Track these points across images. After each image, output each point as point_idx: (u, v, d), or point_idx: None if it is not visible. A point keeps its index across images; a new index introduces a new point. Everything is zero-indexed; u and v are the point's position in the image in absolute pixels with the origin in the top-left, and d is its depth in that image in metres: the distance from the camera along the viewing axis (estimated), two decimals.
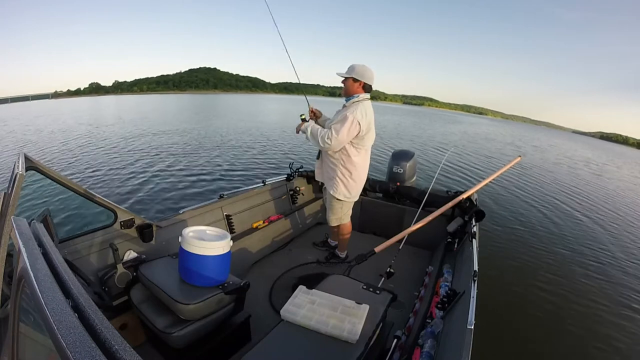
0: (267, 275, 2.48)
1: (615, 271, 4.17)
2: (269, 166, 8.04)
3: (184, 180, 6.44)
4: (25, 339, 0.75)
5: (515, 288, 3.42)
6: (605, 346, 2.74)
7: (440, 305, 1.64)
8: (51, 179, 1.50)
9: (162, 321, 1.45)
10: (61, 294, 0.56)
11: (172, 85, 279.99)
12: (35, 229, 0.95)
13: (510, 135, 34.03)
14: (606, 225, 6.24)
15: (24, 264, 0.65)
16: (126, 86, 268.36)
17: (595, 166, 17.49)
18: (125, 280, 1.73)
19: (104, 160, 7.77)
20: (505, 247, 4.43)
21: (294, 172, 3.20)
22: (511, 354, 2.54)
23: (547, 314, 3.06)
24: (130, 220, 1.87)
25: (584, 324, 2.99)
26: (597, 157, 24.27)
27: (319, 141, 2.18)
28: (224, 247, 1.57)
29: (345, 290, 1.52)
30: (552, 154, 20.50)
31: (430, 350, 1.36)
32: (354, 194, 2.42)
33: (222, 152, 9.38)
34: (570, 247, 4.80)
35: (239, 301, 1.64)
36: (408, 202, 3.13)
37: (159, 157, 8.30)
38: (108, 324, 0.51)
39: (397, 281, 2.37)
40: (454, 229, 2.53)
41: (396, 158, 3.25)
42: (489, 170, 9.72)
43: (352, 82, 2.18)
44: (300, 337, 1.25)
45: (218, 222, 2.45)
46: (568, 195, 8.36)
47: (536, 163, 13.63)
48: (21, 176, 1.13)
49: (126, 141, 10.51)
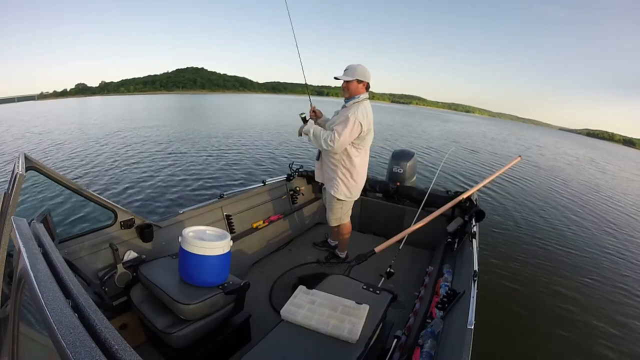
0: (267, 275, 2.48)
1: (615, 270, 4.17)
2: (269, 166, 8.04)
3: (184, 180, 6.44)
4: (25, 339, 0.75)
5: (515, 288, 3.42)
6: (605, 346, 2.74)
7: (440, 305, 1.64)
8: (51, 179, 1.50)
9: (162, 321, 1.45)
10: (61, 294, 0.56)
11: (160, 86, 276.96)
12: (35, 229, 0.95)
13: (502, 133, 34.21)
14: (607, 225, 6.24)
15: (24, 264, 0.65)
16: (113, 87, 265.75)
17: (595, 165, 17.53)
18: (125, 280, 1.73)
19: (103, 161, 7.77)
20: (506, 247, 4.43)
21: (293, 172, 3.19)
22: (511, 354, 2.54)
23: (548, 313, 3.07)
24: (130, 220, 1.87)
25: (584, 324, 2.99)
26: (598, 157, 24.36)
27: (322, 143, 2.18)
28: (224, 247, 1.57)
29: (345, 290, 1.52)
30: (551, 152, 20.59)
31: (430, 350, 1.36)
32: (355, 193, 2.43)
33: (222, 152, 9.38)
34: (571, 246, 4.80)
35: (239, 301, 1.64)
36: (408, 202, 3.13)
37: (159, 157, 8.30)
38: (108, 324, 0.51)
39: (397, 281, 2.37)
40: (454, 229, 2.53)
41: (396, 158, 3.25)
42: (489, 170, 9.72)
43: (357, 83, 2.19)
44: (300, 337, 1.25)
45: (218, 222, 2.45)
46: (568, 195, 8.37)
47: (536, 163, 13.63)
48: (21, 176, 1.13)
49: (126, 141, 10.51)
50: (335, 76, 2.21)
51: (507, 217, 5.74)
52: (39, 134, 11.95)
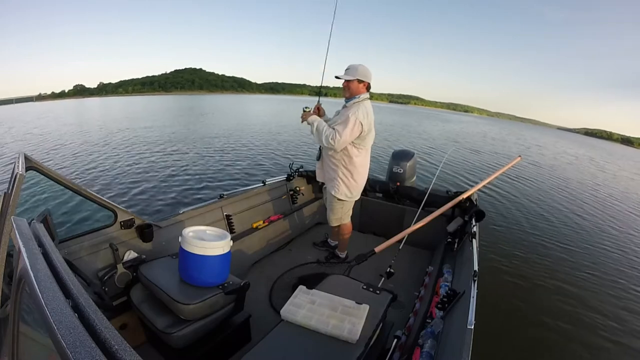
0: (267, 275, 2.48)
1: (616, 270, 4.17)
2: (269, 166, 8.04)
3: (184, 180, 6.44)
4: (25, 339, 0.75)
5: (515, 288, 3.42)
6: (606, 346, 2.74)
7: (440, 305, 1.64)
8: (51, 179, 1.50)
9: (162, 321, 1.45)
10: (61, 294, 0.56)
11: (158, 87, 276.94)
12: (35, 229, 0.95)
13: (501, 133, 34.23)
14: (607, 225, 6.23)
15: (24, 264, 0.65)
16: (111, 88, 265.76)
17: (596, 165, 17.53)
18: (125, 280, 1.73)
19: (103, 161, 7.77)
20: (506, 247, 4.42)
21: (293, 172, 3.19)
22: (511, 354, 2.54)
23: (548, 313, 3.06)
24: (130, 220, 1.87)
25: (584, 323, 2.99)
26: (597, 156, 24.37)
27: (323, 139, 2.18)
28: (224, 247, 1.57)
29: (345, 290, 1.52)
30: (550, 152, 20.59)
31: (430, 350, 1.36)
32: (355, 193, 2.43)
33: (222, 152, 9.38)
34: (571, 246, 4.80)
35: (239, 301, 1.64)
36: (408, 202, 3.13)
37: (159, 158, 8.30)
38: (108, 324, 0.51)
39: (397, 281, 2.37)
40: (454, 229, 2.53)
41: (396, 158, 3.25)
42: (489, 170, 9.72)
43: (358, 83, 2.19)
44: (300, 337, 1.25)
45: (218, 222, 2.45)
46: (569, 195, 8.36)
47: (536, 162, 13.62)
48: (21, 176, 1.13)
49: (126, 142, 10.52)
50: (337, 75, 2.21)
51: (507, 217, 5.74)
52: (39, 135, 11.97)
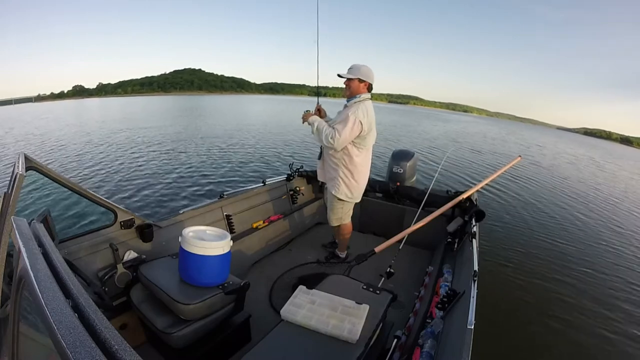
0: (267, 275, 2.48)
1: (616, 270, 4.16)
2: (269, 166, 8.04)
3: (184, 180, 6.45)
4: (25, 339, 0.75)
5: (515, 288, 3.42)
6: (606, 345, 2.74)
7: (440, 305, 1.64)
8: (51, 179, 1.50)
9: (162, 321, 1.45)
10: (61, 294, 0.56)
11: (157, 87, 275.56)
12: (35, 229, 0.95)
13: (501, 132, 34.24)
14: (607, 224, 6.23)
15: (24, 264, 0.65)
16: (110, 88, 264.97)
17: (596, 164, 17.53)
18: (125, 280, 1.73)
19: (103, 161, 7.78)
20: (506, 247, 4.42)
21: (294, 172, 3.20)
22: (511, 354, 2.54)
23: (548, 313, 3.06)
24: (130, 220, 1.87)
25: (584, 323, 2.99)
26: (597, 156, 24.37)
27: (323, 138, 2.18)
28: (224, 247, 1.57)
29: (345, 290, 1.52)
30: (550, 151, 20.60)
31: (430, 350, 1.36)
32: (356, 194, 2.42)
33: (222, 152, 9.38)
34: (572, 246, 4.80)
35: (239, 301, 1.64)
36: (408, 202, 3.13)
37: (159, 158, 8.31)
38: (108, 324, 0.51)
39: (397, 281, 2.36)
40: (454, 229, 2.53)
41: (396, 158, 3.25)
42: (489, 170, 9.72)
43: (358, 82, 2.19)
44: (300, 337, 1.25)
45: (218, 222, 2.45)
46: (569, 195, 8.36)
47: (536, 162, 13.62)
48: (21, 176, 1.13)
49: (125, 142, 10.52)
50: (339, 73, 2.21)
51: (507, 217, 5.74)
52: (40, 135, 11.97)
